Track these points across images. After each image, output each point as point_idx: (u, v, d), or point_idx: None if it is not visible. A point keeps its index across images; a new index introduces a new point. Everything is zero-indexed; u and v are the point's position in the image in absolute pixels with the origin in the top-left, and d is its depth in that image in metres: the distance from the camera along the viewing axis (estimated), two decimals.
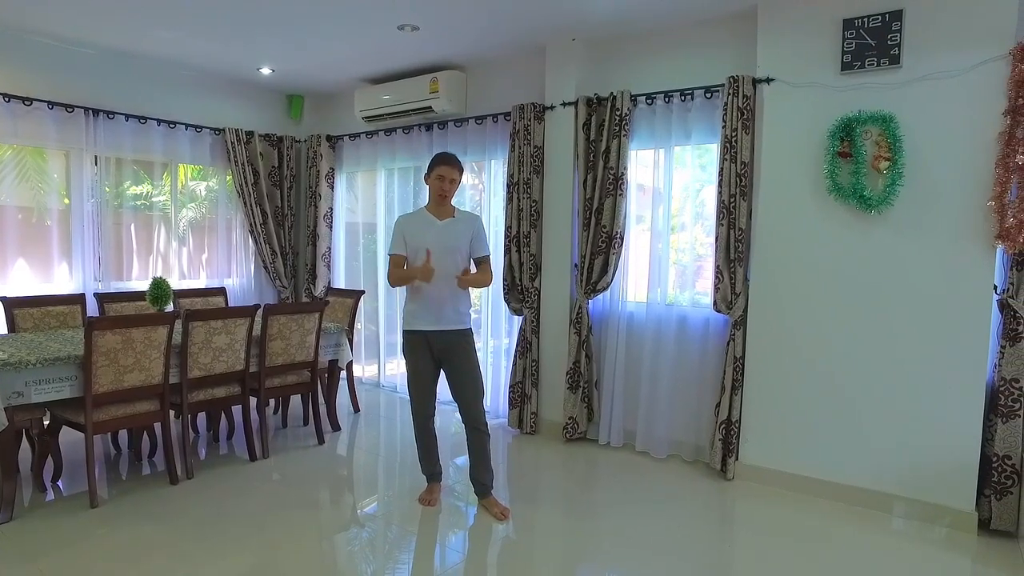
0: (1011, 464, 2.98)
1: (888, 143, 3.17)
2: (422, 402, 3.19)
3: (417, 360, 3.14)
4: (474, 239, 3.17)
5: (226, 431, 4.30)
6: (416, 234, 3.09)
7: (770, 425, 3.56)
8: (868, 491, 3.28)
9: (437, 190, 3.10)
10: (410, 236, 3.09)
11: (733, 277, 3.58)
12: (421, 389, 3.17)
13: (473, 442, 3.17)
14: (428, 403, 3.20)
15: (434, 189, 3.12)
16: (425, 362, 3.13)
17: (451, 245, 3.09)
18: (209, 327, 3.55)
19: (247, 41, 4.48)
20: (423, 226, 3.11)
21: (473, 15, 3.86)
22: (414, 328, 3.12)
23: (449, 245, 3.09)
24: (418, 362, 3.14)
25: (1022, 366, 2.98)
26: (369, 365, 5.86)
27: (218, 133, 5.42)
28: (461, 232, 3.14)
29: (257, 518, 3.07)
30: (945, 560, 2.81)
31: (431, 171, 3.12)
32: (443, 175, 3.08)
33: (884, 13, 3.16)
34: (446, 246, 3.07)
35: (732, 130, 3.53)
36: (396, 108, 5.03)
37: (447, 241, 3.09)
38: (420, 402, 3.20)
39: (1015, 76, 2.86)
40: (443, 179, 3.09)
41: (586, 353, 4.13)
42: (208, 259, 5.62)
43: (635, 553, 2.82)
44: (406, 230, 3.10)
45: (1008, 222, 2.91)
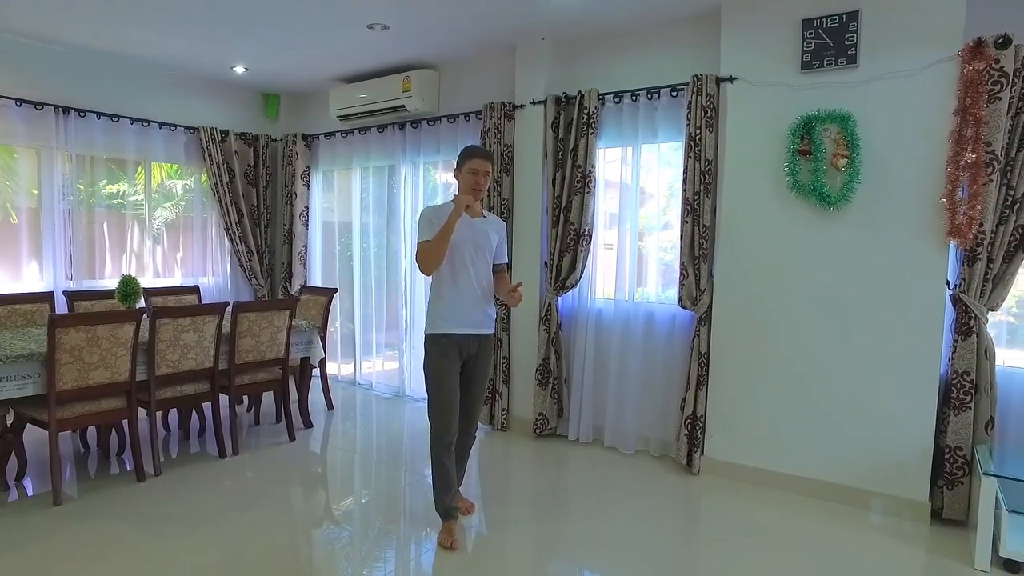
0: (962, 455, 3.05)
1: (846, 141, 3.23)
2: (450, 419, 2.78)
3: (448, 368, 2.79)
4: (500, 244, 2.98)
5: (197, 428, 4.30)
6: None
7: (734, 420, 3.61)
8: (828, 484, 3.34)
9: (472, 184, 2.83)
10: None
11: (698, 274, 3.63)
12: (449, 403, 2.78)
13: (462, 444, 3.00)
14: (455, 420, 2.80)
15: (468, 184, 2.83)
16: (455, 370, 2.82)
17: (483, 245, 2.88)
18: (177, 324, 3.56)
19: (219, 40, 4.48)
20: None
21: (442, 15, 3.89)
22: (446, 331, 2.80)
23: (481, 245, 2.87)
24: (448, 371, 2.79)
25: (973, 360, 3.04)
26: (345, 364, 5.87)
27: (193, 132, 5.41)
28: (492, 234, 2.94)
29: (225, 514, 3.08)
30: (900, 550, 2.87)
31: (462, 164, 2.86)
32: (477, 168, 2.82)
33: (841, 14, 3.23)
34: (479, 245, 2.86)
35: (696, 128, 3.58)
36: (370, 107, 5.05)
37: (480, 241, 2.86)
38: (448, 419, 2.77)
39: (964, 77, 2.93)
40: (477, 172, 2.82)
41: (555, 350, 4.17)
42: (183, 258, 5.61)
43: (604, 548, 2.85)
44: (436, 221, 2.79)
45: (959, 219, 2.97)
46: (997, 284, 3.02)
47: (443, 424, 2.78)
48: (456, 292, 2.83)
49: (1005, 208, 2.97)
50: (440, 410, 2.78)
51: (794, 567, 2.72)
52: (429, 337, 2.84)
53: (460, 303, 2.83)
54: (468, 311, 2.84)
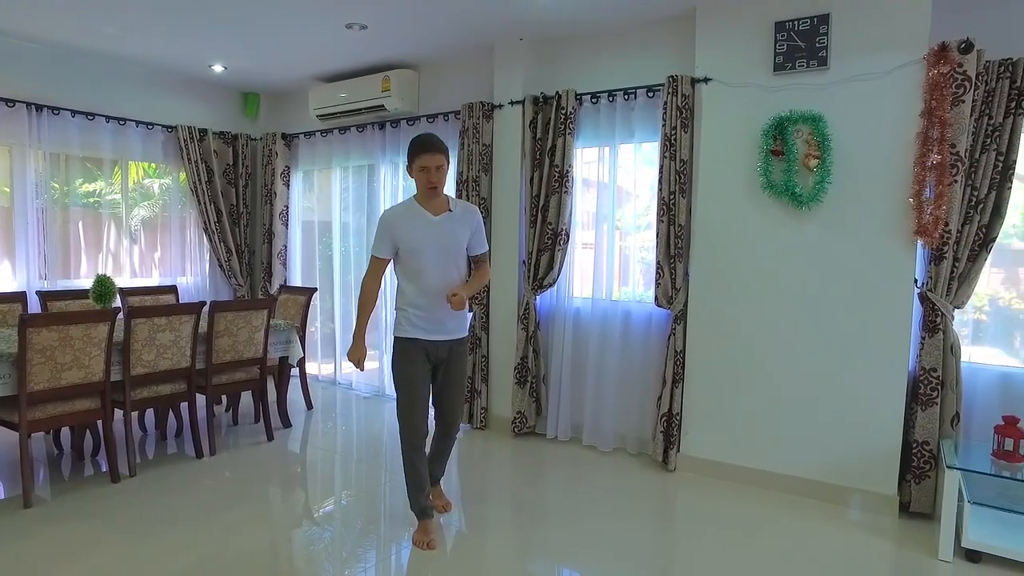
0: (929, 450, 3.11)
1: (817, 142, 3.28)
2: (419, 421, 2.75)
3: (414, 372, 2.73)
4: (474, 235, 2.81)
5: (174, 429, 4.28)
6: (409, 233, 2.68)
7: (709, 417, 3.66)
8: (800, 479, 3.40)
9: (424, 183, 2.66)
10: (401, 236, 2.68)
11: (673, 272, 3.67)
12: (418, 406, 2.75)
13: (441, 441, 3.01)
14: (424, 422, 2.77)
15: (420, 182, 2.68)
16: (423, 374, 2.76)
17: (451, 245, 2.73)
18: (153, 324, 3.54)
19: (196, 38, 4.45)
20: (417, 224, 2.70)
21: (419, 15, 3.90)
22: (413, 336, 2.72)
23: (448, 246, 2.72)
24: (415, 375, 2.73)
25: (940, 356, 3.11)
26: (325, 363, 5.86)
27: (170, 130, 5.37)
28: (460, 230, 2.75)
29: (202, 515, 3.06)
30: (869, 543, 2.93)
31: (412, 162, 2.67)
32: (426, 165, 2.63)
33: (812, 17, 3.28)
34: (445, 247, 2.71)
35: (672, 128, 3.62)
36: (349, 107, 5.04)
37: (446, 241, 2.72)
38: (417, 421, 2.74)
39: (929, 80, 2.99)
40: (427, 170, 2.64)
41: (534, 348, 4.19)
42: (161, 257, 5.57)
43: (582, 545, 2.88)
44: (395, 229, 2.68)
45: (925, 218, 3.04)
46: (962, 282, 3.09)
47: (411, 426, 2.75)
48: (421, 299, 2.72)
49: (969, 208, 3.04)
50: (408, 413, 2.75)
51: (768, 561, 2.76)
52: (397, 341, 2.78)
53: (427, 310, 2.72)
54: (436, 318, 2.73)
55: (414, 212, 2.74)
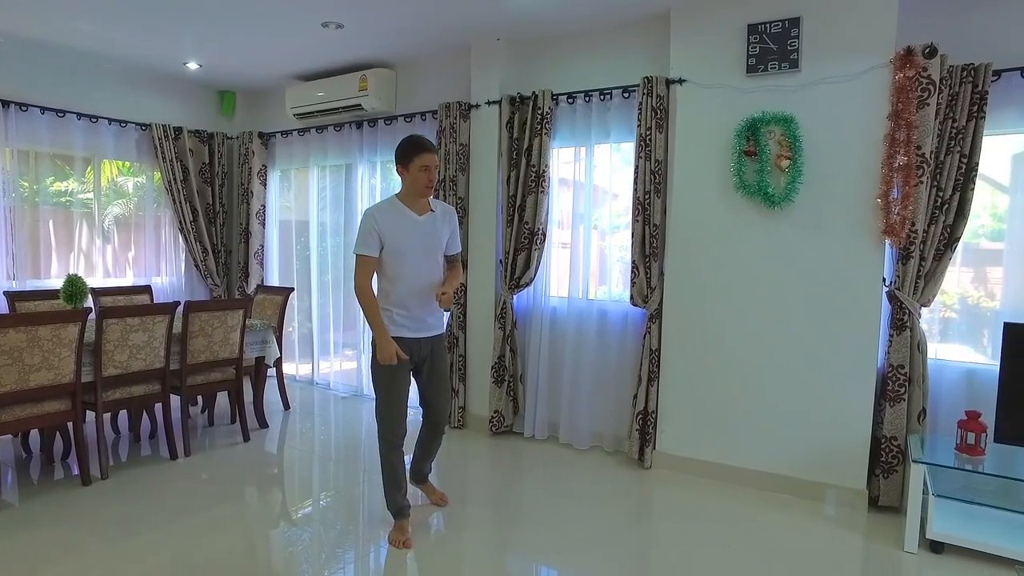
0: (897, 445, 3.18)
1: (789, 143, 3.34)
2: (399, 421, 2.78)
3: (396, 372, 2.74)
4: (451, 236, 2.89)
5: (148, 430, 4.23)
6: (396, 231, 2.69)
7: (684, 414, 3.70)
8: (773, 475, 3.45)
9: (424, 183, 2.69)
10: (388, 233, 2.68)
11: (649, 272, 3.71)
12: (399, 405, 2.78)
13: (431, 440, 3.06)
14: (403, 422, 2.81)
15: (420, 182, 2.69)
16: (405, 374, 2.80)
17: (433, 245, 2.79)
18: (125, 324, 3.49)
19: (170, 36, 4.40)
20: (403, 224, 2.72)
21: (396, 14, 3.89)
22: (396, 335, 2.73)
23: (431, 246, 2.78)
24: (397, 375, 2.75)
25: (907, 353, 3.18)
26: (303, 364, 5.82)
27: (144, 129, 5.30)
28: (441, 230, 2.83)
29: (176, 517, 3.04)
30: (839, 536, 2.98)
31: (411, 160, 2.67)
32: (428, 164, 2.68)
33: (784, 20, 3.33)
34: (428, 247, 2.77)
35: (647, 129, 3.65)
36: (327, 106, 5.02)
37: (429, 241, 2.78)
38: (396, 421, 2.78)
39: (896, 83, 3.06)
40: (428, 169, 2.68)
41: (511, 347, 4.21)
42: (135, 257, 5.50)
43: (559, 543, 2.90)
44: (382, 226, 2.67)
45: (893, 218, 3.11)
46: (929, 281, 3.16)
47: (390, 426, 2.78)
48: (403, 298, 2.75)
49: (935, 209, 3.11)
50: (388, 413, 2.78)
51: (740, 555, 2.81)
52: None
53: (408, 309, 2.76)
54: (417, 316, 2.78)
55: (400, 211, 2.75)
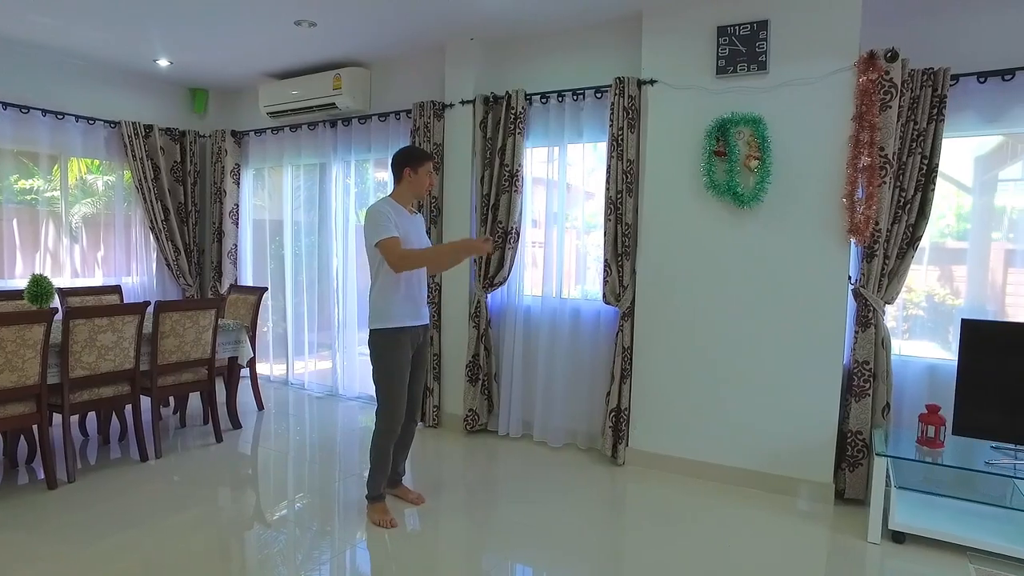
0: (862, 439, 3.26)
1: (757, 143, 3.39)
2: (403, 409, 2.99)
3: (404, 362, 2.95)
4: (425, 235, 3.23)
5: (117, 432, 4.17)
6: (402, 225, 2.93)
7: (656, 411, 3.75)
8: (743, 470, 3.51)
9: (428, 185, 3.04)
10: (398, 224, 2.91)
11: (621, 270, 3.75)
12: (403, 393, 2.97)
13: (407, 433, 3.17)
14: (404, 413, 3.01)
15: (424, 184, 3.02)
16: (407, 361, 2.98)
17: (424, 241, 3.10)
18: (93, 325, 3.44)
19: (137, 32, 4.33)
20: (405, 218, 2.98)
21: (369, 13, 3.88)
22: (402, 325, 2.93)
23: (423, 240, 3.09)
24: (404, 364, 2.96)
25: (872, 349, 3.26)
26: (278, 364, 5.78)
27: (114, 126, 5.22)
28: (422, 229, 3.17)
29: (146, 520, 2.99)
30: (806, 529, 3.05)
31: (422, 164, 3.00)
32: (431, 170, 3.06)
33: (752, 22, 3.39)
34: (421, 241, 3.06)
35: (619, 129, 3.69)
36: (300, 104, 4.99)
37: (422, 236, 3.10)
38: (402, 409, 2.98)
39: (860, 86, 3.13)
40: (432, 175, 3.07)
41: (485, 346, 4.23)
42: (104, 256, 5.41)
43: (534, 540, 2.92)
44: (395, 217, 2.91)
45: (857, 217, 3.18)
46: (892, 279, 3.24)
47: (396, 416, 2.97)
48: (407, 287, 2.97)
49: (898, 209, 3.19)
50: (395, 406, 2.95)
51: (710, 549, 2.85)
52: (385, 332, 2.93)
53: (410, 297, 2.98)
54: (416, 304, 3.02)
55: (398, 209, 2.99)
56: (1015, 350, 2.90)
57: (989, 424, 2.90)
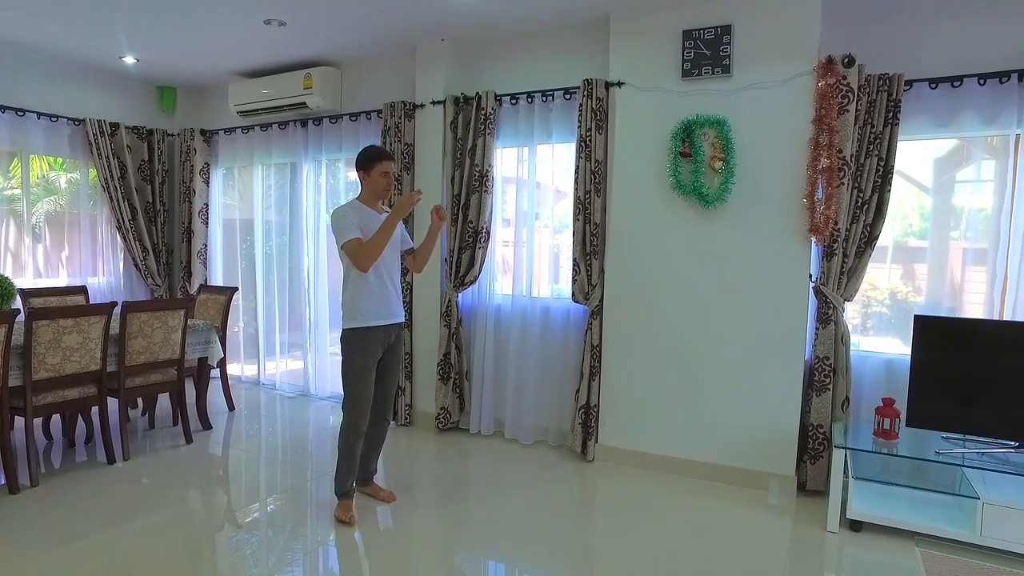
0: (823, 432, 3.36)
1: (722, 145, 3.47)
2: (366, 410, 3.01)
3: (370, 361, 2.98)
4: (404, 232, 3.22)
5: (83, 435, 4.11)
6: (366, 227, 2.94)
7: (625, 408, 3.81)
8: (709, 464, 3.59)
9: (384, 186, 3.00)
10: (363, 226, 2.93)
11: (589, 269, 3.80)
12: (369, 394, 3.00)
13: (377, 432, 3.20)
14: (369, 411, 3.03)
15: (380, 185, 2.99)
16: (375, 361, 3.01)
17: (394, 240, 3.05)
18: (58, 326, 3.39)
19: (102, 28, 4.26)
20: (370, 220, 2.97)
21: (339, 12, 3.88)
22: (371, 324, 2.95)
23: (393, 240, 3.03)
24: (370, 363, 2.98)
25: (832, 345, 3.36)
26: (249, 364, 5.74)
27: (78, 124, 5.13)
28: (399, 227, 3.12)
29: (114, 523, 2.97)
30: (770, 520, 3.14)
31: (373, 166, 2.98)
32: (388, 170, 3.01)
33: (716, 27, 3.47)
34: (392, 241, 3.02)
35: (587, 130, 3.74)
36: (271, 103, 4.96)
37: (392, 236, 3.02)
38: (365, 411, 3.00)
39: (819, 90, 3.23)
40: (389, 174, 3.02)
41: (456, 345, 4.26)
42: (69, 256, 5.32)
43: (505, 535, 2.96)
44: (355, 219, 2.92)
45: (817, 217, 3.28)
46: (851, 277, 3.35)
47: (360, 416, 2.99)
48: (375, 286, 2.98)
49: (856, 209, 3.29)
50: (359, 403, 2.98)
51: (678, 541, 2.93)
52: (353, 332, 2.96)
53: (379, 297, 2.99)
54: (386, 303, 3.02)
55: (364, 210, 3.02)
56: (965, 345, 3.02)
57: (940, 416, 3.02)
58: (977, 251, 3.37)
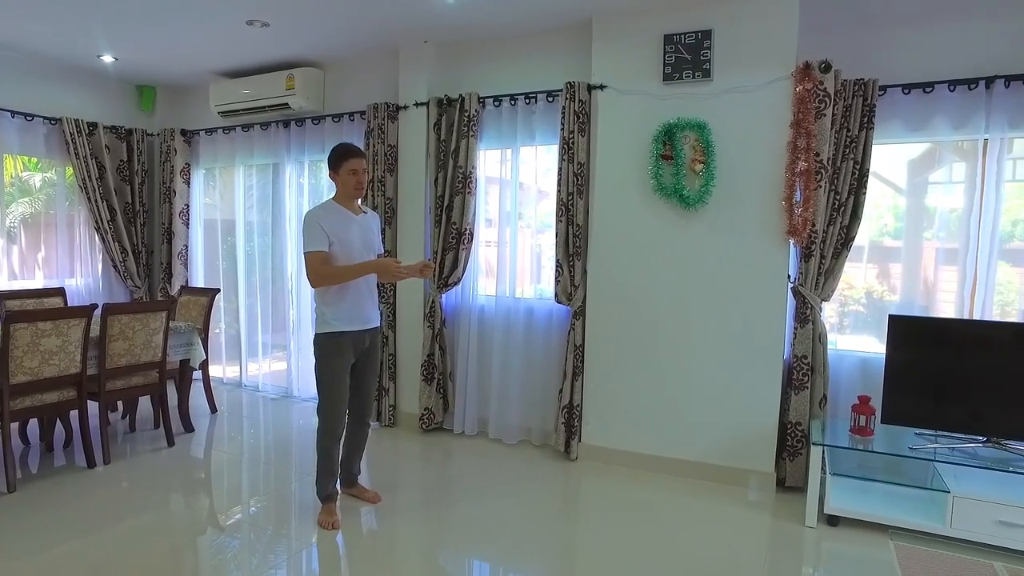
0: (801, 429, 3.43)
1: (702, 147, 3.53)
2: (343, 413, 2.99)
3: (342, 365, 2.93)
4: (379, 235, 3.16)
5: (62, 439, 4.06)
6: (338, 229, 2.87)
7: (607, 407, 3.86)
8: (690, 462, 3.65)
9: (353, 185, 2.91)
10: (332, 231, 2.85)
11: (572, 270, 3.84)
12: (344, 399, 2.97)
13: (358, 435, 3.19)
14: (345, 415, 3.01)
15: (349, 184, 2.90)
16: (348, 368, 2.96)
17: (370, 242, 3.01)
18: (36, 329, 3.35)
19: (79, 26, 4.20)
20: (344, 221, 2.91)
21: (322, 14, 3.88)
22: (342, 329, 2.90)
23: (368, 242, 2.99)
24: (342, 369, 2.93)
25: (810, 344, 3.43)
26: (231, 366, 5.70)
27: (54, 123, 5.05)
28: (374, 229, 3.08)
29: (94, 527, 2.94)
30: (750, 516, 3.20)
31: (341, 165, 2.90)
32: (356, 168, 2.90)
33: (697, 31, 3.52)
34: (366, 243, 2.98)
35: (569, 132, 3.78)
36: (253, 104, 4.93)
37: (367, 237, 3.00)
38: (342, 413, 2.97)
39: (796, 94, 3.29)
40: (357, 172, 2.90)
41: (440, 345, 4.27)
42: (46, 258, 5.24)
43: (489, 535, 2.98)
44: (326, 224, 2.84)
45: (795, 219, 3.34)
46: (828, 277, 3.42)
47: (337, 418, 2.96)
48: (349, 291, 2.92)
49: (833, 211, 3.36)
50: (333, 407, 2.95)
51: (660, 539, 2.97)
52: (323, 337, 2.92)
53: (352, 301, 2.93)
54: (360, 308, 2.96)
55: (338, 211, 2.94)
56: (937, 343, 3.11)
57: (914, 412, 3.10)
58: (948, 251, 3.46)
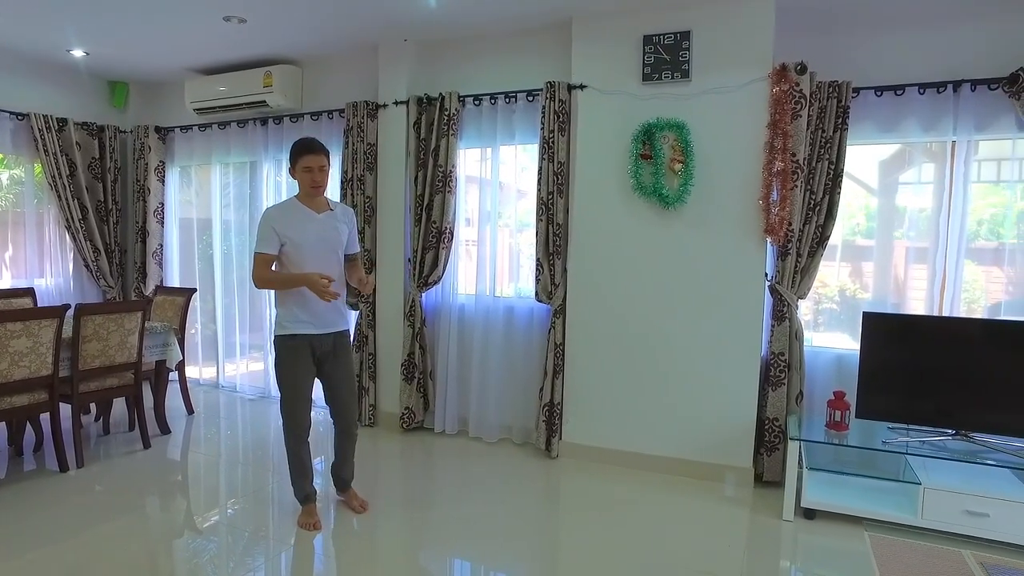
0: (778, 425, 3.49)
1: (681, 147, 3.57)
2: (303, 415, 2.90)
3: (298, 368, 2.85)
4: (351, 234, 3.02)
5: (32, 443, 3.97)
6: (293, 228, 2.79)
7: (587, 405, 3.88)
8: (670, 459, 3.69)
9: (308, 183, 2.81)
10: (285, 231, 2.78)
11: (552, 269, 3.86)
12: (302, 401, 2.89)
13: (344, 443, 3.11)
14: (307, 416, 2.93)
15: (304, 183, 2.82)
16: (306, 370, 2.87)
17: (332, 241, 2.88)
18: (5, 330, 3.28)
19: (46, 19, 4.10)
20: (300, 220, 2.82)
21: (300, 11, 3.84)
22: (296, 332, 2.83)
23: (330, 241, 2.88)
24: (299, 370, 2.85)
25: (787, 341, 3.49)
26: (208, 366, 5.62)
27: (21, 118, 4.94)
28: (341, 227, 2.94)
29: (67, 533, 2.88)
30: (728, 511, 3.24)
31: (295, 162, 2.81)
32: (310, 165, 2.79)
33: (676, 32, 3.56)
34: (328, 242, 2.87)
35: (550, 132, 3.79)
36: (230, 101, 4.86)
37: (329, 237, 2.88)
38: (301, 415, 2.89)
39: (773, 95, 3.34)
40: (311, 170, 2.80)
41: (420, 344, 4.26)
42: (13, 257, 5.11)
43: (471, 532, 2.99)
44: (279, 225, 2.77)
45: (772, 219, 3.40)
46: (804, 275, 3.48)
47: (296, 420, 2.91)
48: (296, 294, 2.82)
49: (809, 210, 3.42)
50: (292, 408, 2.89)
51: (640, 535, 3.00)
52: (278, 339, 2.87)
53: (302, 305, 2.83)
54: (317, 312, 2.86)
55: (297, 209, 2.87)
56: (908, 340, 3.18)
57: (887, 407, 3.18)
58: (919, 250, 3.54)
